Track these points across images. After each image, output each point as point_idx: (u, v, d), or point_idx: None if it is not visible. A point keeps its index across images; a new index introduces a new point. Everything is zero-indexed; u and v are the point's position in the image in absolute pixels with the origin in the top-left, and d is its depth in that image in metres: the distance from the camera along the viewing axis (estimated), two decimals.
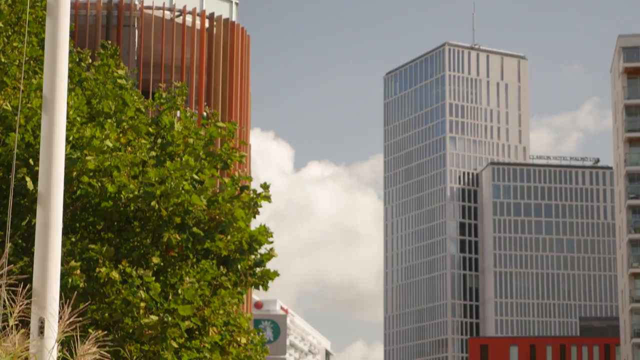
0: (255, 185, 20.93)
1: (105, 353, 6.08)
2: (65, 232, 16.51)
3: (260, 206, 20.58)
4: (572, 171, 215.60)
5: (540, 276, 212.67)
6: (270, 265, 21.42)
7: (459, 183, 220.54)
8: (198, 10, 50.79)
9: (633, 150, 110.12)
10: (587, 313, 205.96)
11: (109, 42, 22.67)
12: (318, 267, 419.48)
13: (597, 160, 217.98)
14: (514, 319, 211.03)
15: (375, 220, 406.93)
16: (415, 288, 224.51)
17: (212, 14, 50.81)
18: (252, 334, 22.40)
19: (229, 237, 19.25)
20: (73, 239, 17.16)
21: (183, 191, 17.54)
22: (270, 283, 20.98)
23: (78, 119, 17.39)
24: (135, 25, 49.39)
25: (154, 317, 16.68)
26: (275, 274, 20.91)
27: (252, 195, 20.32)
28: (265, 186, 20.73)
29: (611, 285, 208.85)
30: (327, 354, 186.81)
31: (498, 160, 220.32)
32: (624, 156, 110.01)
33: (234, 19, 52.58)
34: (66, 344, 6.73)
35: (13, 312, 5.71)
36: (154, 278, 17.25)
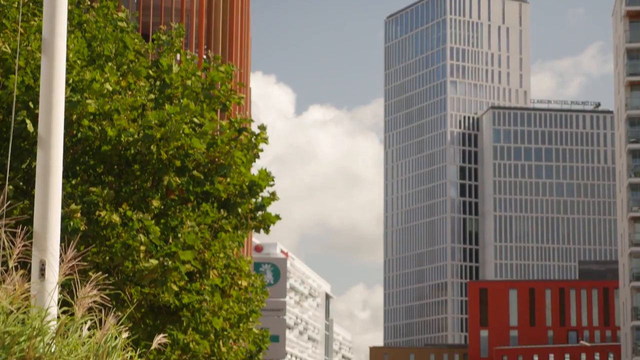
0: (255, 128, 20.88)
1: (105, 296, 6.10)
2: (66, 176, 16.52)
3: (261, 150, 20.56)
4: (573, 115, 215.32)
5: (540, 220, 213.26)
6: (271, 209, 21.47)
7: (460, 127, 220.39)
8: None
9: (634, 94, 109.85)
10: (586, 257, 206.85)
11: None
12: (319, 210, 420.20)
13: (598, 105, 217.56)
14: (514, 262, 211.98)
15: (376, 164, 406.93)
16: (415, 232, 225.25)
17: None
18: (252, 278, 22.49)
19: (228, 179, 19.26)
20: (73, 182, 17.17)
21: (183, 134, 17.52)
22: (271, 227, 21.02)
23: (78, 62, 17.34)
24: None
25: (154, 261, 16.73)
26: (277, 217, 20.93)
27: (250, 137, 20.28)
28: (263, 127, 20.69)
29: (610, 229, 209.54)
30: (327, 296, 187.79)
31: (498, 105, 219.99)
32: (624, 100, 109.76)
33: None
34: (67, 287, 6.75)
35: (12, 254, 5.73)
36: (153, 222, 17.27)
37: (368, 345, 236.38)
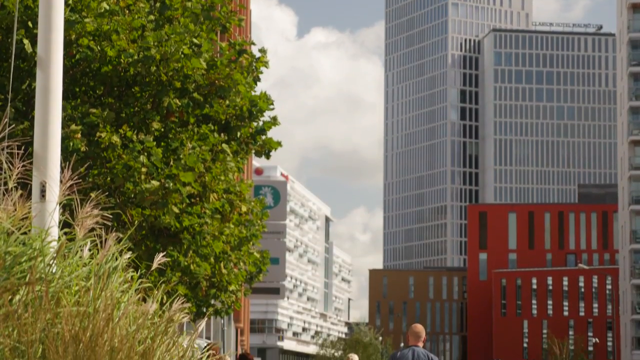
0: (256, 52, 20.75)
1: (107, 214, 6.10)
2: (66, 97, 16.45)
3: (261, 72, 20.46)
4: (575, 38, 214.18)
5: (540, 143, 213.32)
6: (272, 133, 21.49)
7: (461, 50, 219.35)
8: None
9: (637, 17, 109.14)
10: (586, 180, 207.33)
11: None
12: (321, 134, 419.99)
13: (600, 27, 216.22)
14: (513, 186, 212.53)
15: (378, 87, 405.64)
16: (415, 155, 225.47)
17: None
18: (252, 204, 22.55)
19: (227, 102, 19.20)
20: (73, 104, 17.10)
21: (182, 55, 17.42)
22: (271, 152, 21.00)
23: None
24: None
25: (155, 183, 16.73)
26: (278, 144, 20.88)
27: (250, 59, 20.17)
28: (263, 51, 20.58)
29: (610, 152, 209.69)
30: (327, 219, 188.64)
31: (500, 27, 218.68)
32: (627, 22, 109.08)
33: None
34: (67, 208, 6.75)
35: (12, 175, 5.71)
36: (155, 143, 17.25)
37: (368, 267, 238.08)
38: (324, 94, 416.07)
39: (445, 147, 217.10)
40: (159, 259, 6.24)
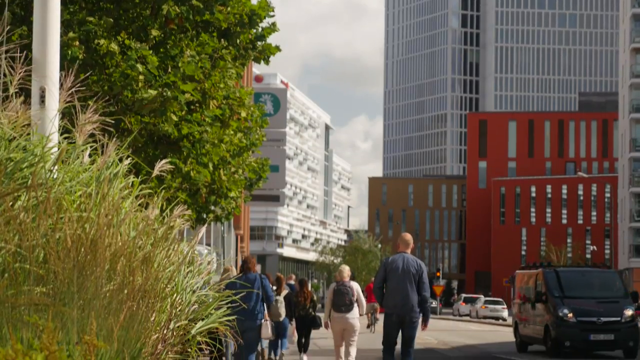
0: None
1: (108, 120, 6.12)
2: (64, 3, 16.32)
3: None
4: None
5: (541, 51, 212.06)
6: (273, 40, 21.35)
7: None
8: None
9: None
10: (587, 88, 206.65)
11: None
12: (323, 41, 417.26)
13: None
14: (514, 94, 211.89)
15: None
16: (415, 63, 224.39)
17: None
18: (252, 109, 22.53)
19: (228, 8, 19.07)
20: (71, 9, 16.98)
21: None
22: (272, 58, 20.95)
23: None
24: None
25: (153, 91, 16.70)
26: (277, 49, 20.83)
27: None
28: None
29: (612, 60, 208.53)
30: (327, 127, 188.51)
31: None
32: None
33: None
34: (67, 115, 6.76)
35: (13, 80, 5.70)
36: (151, 52, 17.16)
37: (368, 175, 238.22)
38: (326, 0, 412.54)
39: (446, 54, 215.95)
40: (161, 164, 6.27)
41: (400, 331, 14.98)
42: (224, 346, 16.63)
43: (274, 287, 23.03)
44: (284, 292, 23.61)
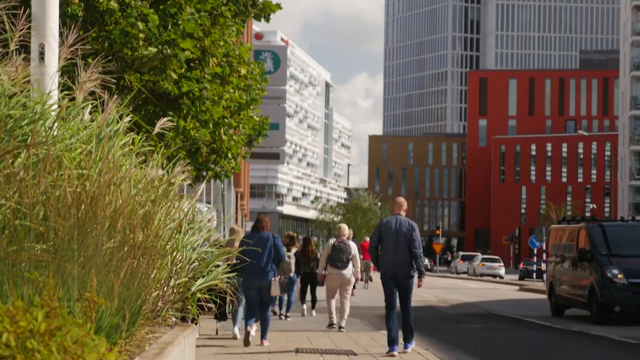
0: None
1: (109, 78, 6.10)
2: None
3: None
4: None
5: (542, 8, 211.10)
6: None
7: None
8: None
9: None
10: (588, 46, 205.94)
11: None
12: None
13: None
14: (514, 52, 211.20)
15: None
16: (416, 20, 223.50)
17: None
18: (252, 65, 22.46)
19: None
20: None
21: None
22: (272, 15, 20.83)
23: None
24: None
25: (152, 49, 16.64)
26: (277, 6, 20.70)
27: None
28: None
29: (613, 18, 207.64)
30: (327, 85, 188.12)
31: None
32: None
33: None
34: (68, 73, 6.74)
35: (14, 37, 5.68)
36: (152, 10, 17.08)
37: (368, 133, 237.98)
38: None
39: (447, 12, 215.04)
40: (162, 122, 6.27)
41: (397, 289, 15.79)
42: (235, 301, 16.98)
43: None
44: (294, 249, 24.41)
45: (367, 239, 35.27)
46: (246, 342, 16.19)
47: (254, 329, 16.74)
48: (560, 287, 29.44)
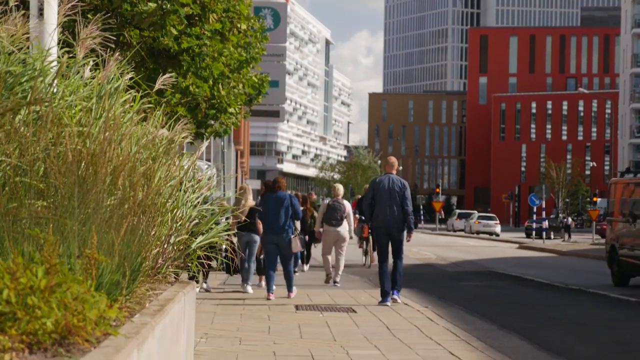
0: None
1: (109, 35, 6.07)
2: None
3: None
4: None
5: None
6: None
7: None
8: None
9: None
10: (589, 3, 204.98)
11: None
12: None
13: None
14: (515, 9, 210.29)
15: None
16: None
17: None
18: (252, 21, 22.35)
19: None
20: None
21: None
22: None
23: None
24: None
25: (152, 4, 16.55)
26: None
27: None
28: None
29: None
30: (327, 42, 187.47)
31: None
32: None
33: None
34: (67, 29, 6.71)
35: None
36: None
37: (369, 91, 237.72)
38: None
39: None
40: (163, 79, 6.24)
41: (389, 243, 16.80)
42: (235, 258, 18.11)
43: None
44: (301, 208, 25.17)
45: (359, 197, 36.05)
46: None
47: (252, 284, 18.48)
48: (626, 252, 24.96)
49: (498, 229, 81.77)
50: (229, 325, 13.28)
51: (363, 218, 20.72)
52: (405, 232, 16.76)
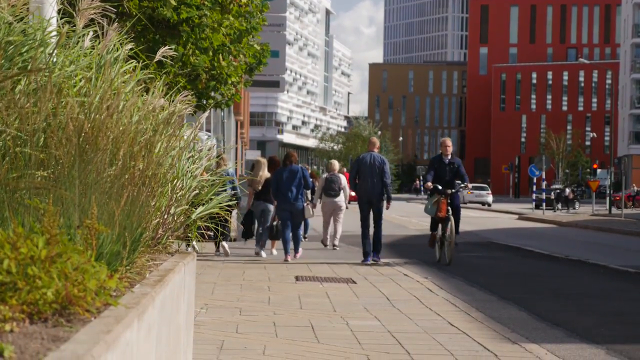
0: None
1: (109, 7, 6.05)
2: None
3: None
4: None
5: None
6: None
7: None
8: None
9: None
10: None
11: None
12: None
13: None
14: None
15: None
16: None
17: None
18: None
19: None
20: None
21: None
22: None
23: None
24: None
25: None
26: None
27: None
28: None
29: None
30: (327, 12, 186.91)
31: None
32: None
33: None
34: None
35: None
36: None
37: (370, 61, 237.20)
38: None
39: None
40: (163, 50, 6.23)
41: (371, 211, 19.57)
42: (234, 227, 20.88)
43: None
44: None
45: (345, 170, 39.15)
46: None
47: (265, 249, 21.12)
48: None
49: (490, 198, 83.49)
50: (229, 295, 13.32)
51: (440, 187, 20.72)
52: (384, 201, 19.47)
